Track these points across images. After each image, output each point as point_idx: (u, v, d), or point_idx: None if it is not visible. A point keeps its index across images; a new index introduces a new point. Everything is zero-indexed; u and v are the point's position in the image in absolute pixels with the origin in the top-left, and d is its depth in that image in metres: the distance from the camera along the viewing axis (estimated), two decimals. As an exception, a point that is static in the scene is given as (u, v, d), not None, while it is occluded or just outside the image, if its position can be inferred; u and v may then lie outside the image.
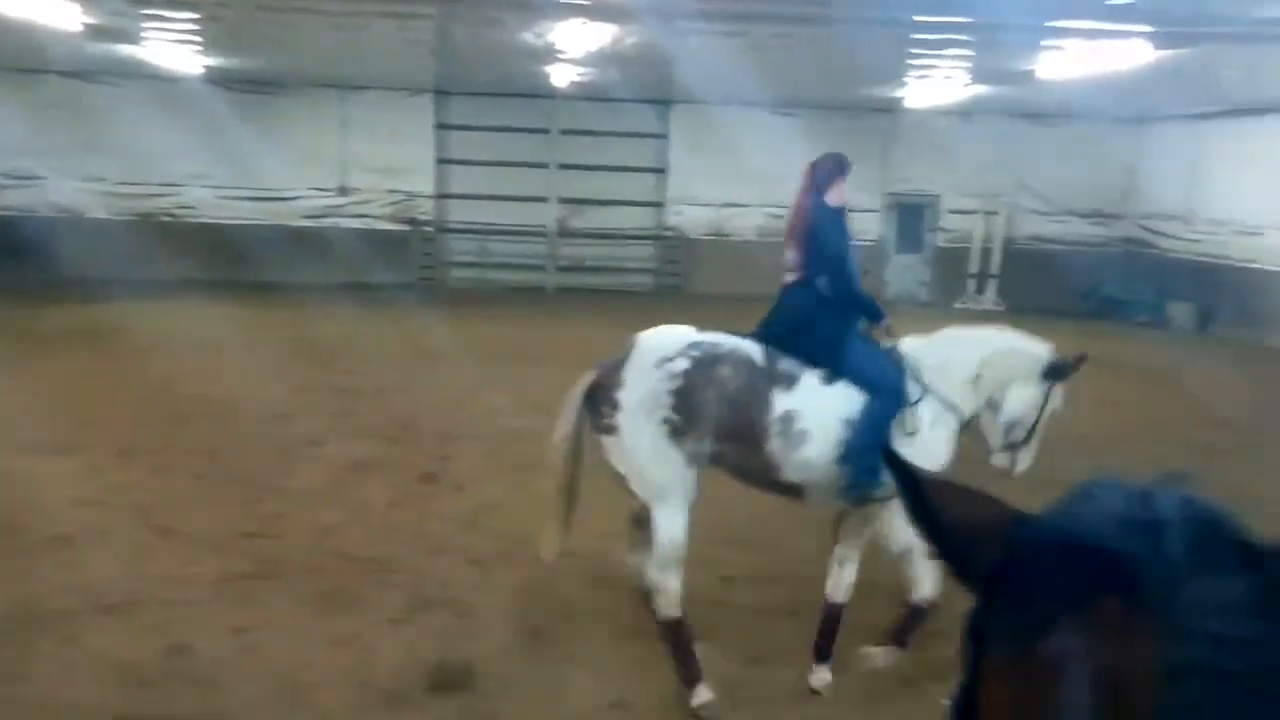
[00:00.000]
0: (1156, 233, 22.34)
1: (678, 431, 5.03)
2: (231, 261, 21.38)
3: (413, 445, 9.97)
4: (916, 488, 0.98)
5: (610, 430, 5.12)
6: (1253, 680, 0.72)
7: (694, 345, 5.17)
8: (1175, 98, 18.10)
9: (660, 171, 23.28)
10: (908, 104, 20.95)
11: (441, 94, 22.46)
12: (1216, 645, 0.73)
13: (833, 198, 5.54)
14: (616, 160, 22.92)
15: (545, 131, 22.73)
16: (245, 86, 21.64)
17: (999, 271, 23.17)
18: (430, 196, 22.91)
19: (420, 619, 6.11)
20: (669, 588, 5.17)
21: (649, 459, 5.05)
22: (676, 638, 5.26)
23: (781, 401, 5.13)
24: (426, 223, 22.96)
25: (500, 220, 22.87)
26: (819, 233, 5.39)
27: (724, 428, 5.07)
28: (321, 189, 22.67)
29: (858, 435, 5.10)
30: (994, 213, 23.23)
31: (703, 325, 5.45)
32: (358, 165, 22.63)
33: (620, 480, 5.19)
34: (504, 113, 22.40)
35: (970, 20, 11.17)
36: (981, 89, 18.14)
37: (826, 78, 18.04)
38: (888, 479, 4.53)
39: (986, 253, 23.31)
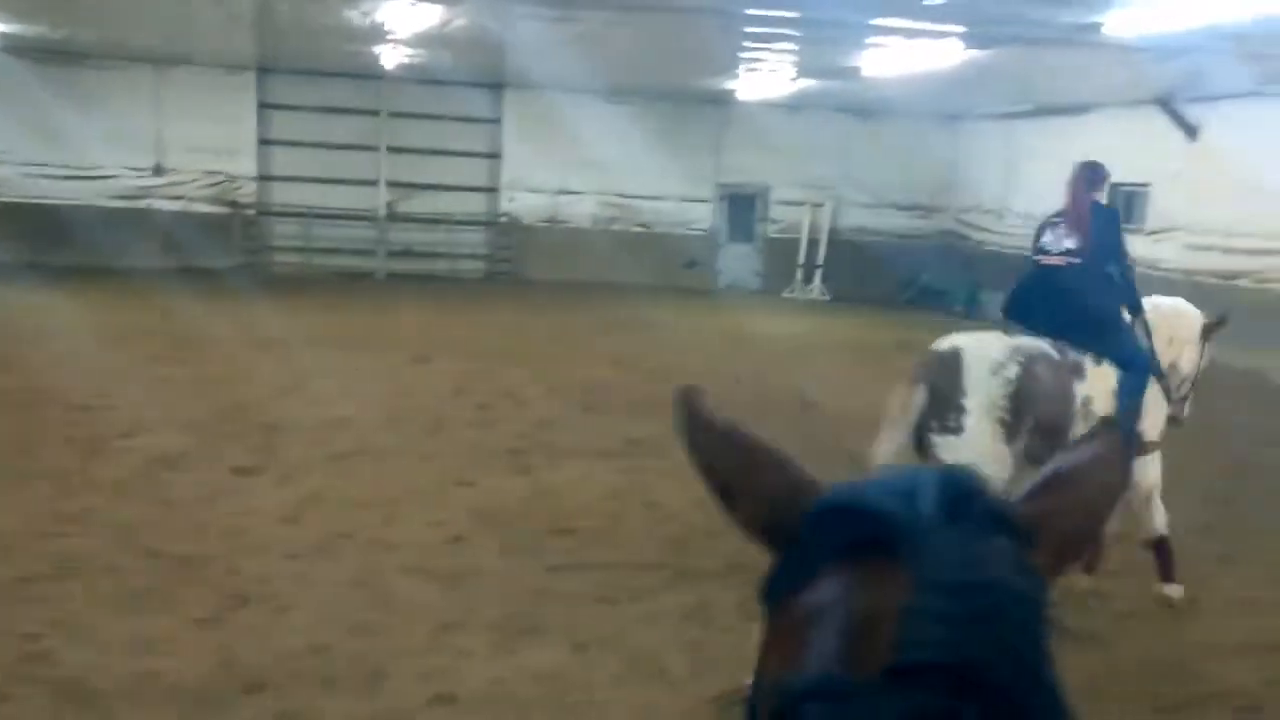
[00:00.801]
0: (972, 225, 23.37)
1: (1010, 430, 5.69)
2: (40, 242, 20.14)
3: (232, 436, 9.57)
4: (700, 444, 1.04)
5: (956, 431, 5.74)
6: (978, 622, 0.82)
7: (1017, 350, 5.82)
8: (990, 97, 18.95)
9: (494, 157, 23.03)
10: (739, 96, 21.31)
11: (265, 72, 21.66)
12: (950, 591, 0.82)
13: (1102, 198, 6.52)
14: (449, 145, 22.56)
15: (374, 113, 22.20)
16: (50, 57, 20.36)
17: (825, 262, 23.84)
18: (253, 178, 22.08)
19: (233, 618, 5.86)
20: None
21: (989, 457, 5.53)
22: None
23: (1080, 389, 5.88)
24: (248, 205, 22.12)
25: (327, 204, 22.22)
26: (1105, 226, 6.22)
27: (1043, 422, 5.70)
28: (136, 168, 21.57)
29: (1122, 406, 5.92)
30: (820, 205, 23.87)
31: (541, 311, 5.41)
32: (175, 144, 21.61)
33: None
34: (331, 93, 21.76)
35: (796, 15, 11.40)
36: (810, 83, 18.59)
37: (660, 67, 18.18)
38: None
39: (814, 243, 23.94)
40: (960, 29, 10.93)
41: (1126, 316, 6.23)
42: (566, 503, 8.27)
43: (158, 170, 21.71)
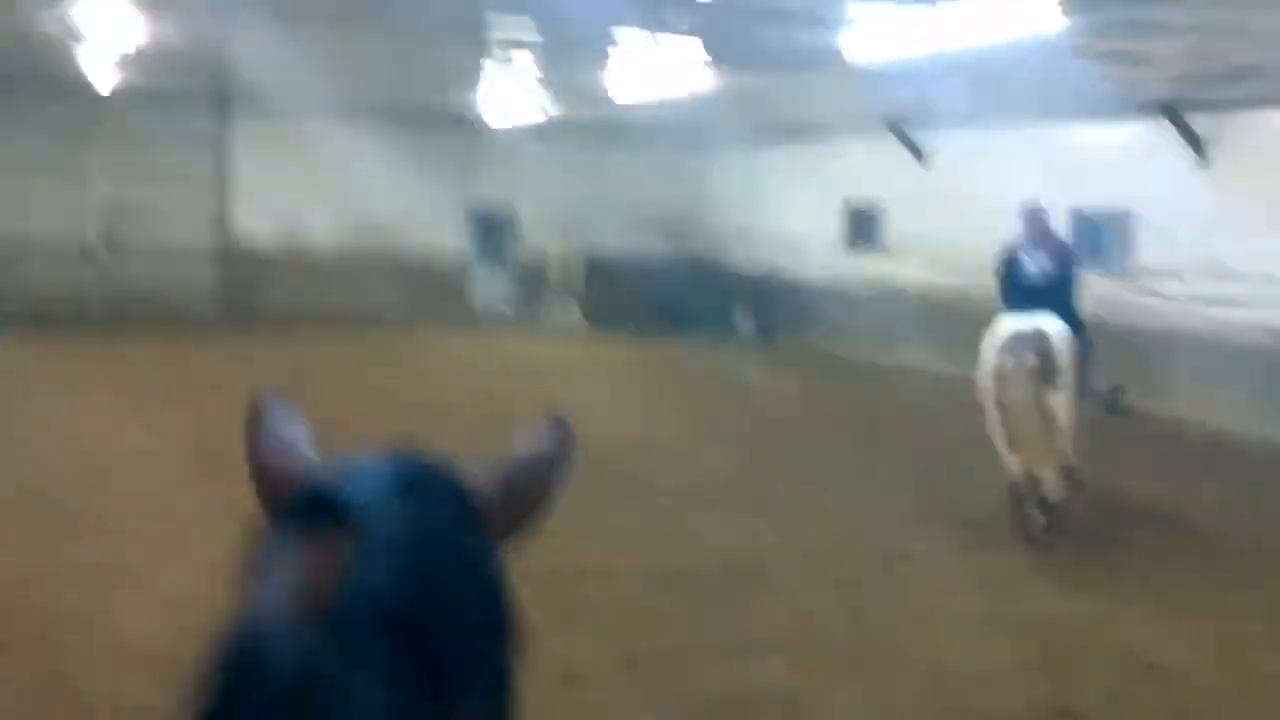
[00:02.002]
0: (721, 249, 23.68)
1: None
2: None
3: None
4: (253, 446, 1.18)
5: (1064, 388, 8.19)
6: (417, 575, 0.97)
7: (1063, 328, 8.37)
8: (735, 123, 19.18)
9: (224, 181, 21.48)
10: (488, 118, 20.73)
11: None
12: (391, 548, 0.97)
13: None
14: (171, 169, 20.83)
15: (82, 134, 20.21)
16: None
17: (579, 287, 23.59)
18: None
19: None
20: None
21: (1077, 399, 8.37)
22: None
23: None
24: (-71, 238, 19.67)
25: (26, 234, 19.94)
26: (1070, 253, 9.48)
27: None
28: None
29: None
30: (571, 229, 23.61)
31: (281, 348, 4.65)
32: None
33: (1049, 418, 8.19)
34: (27, 110, 19.62)
35: (535, 23, 10.96)
36: (558, 107, 18.26)
37: (401, 85, 17.38)
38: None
39: (566, 269, 23.64)
40: (705, 52, 10.79)
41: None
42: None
43: None
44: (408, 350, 17.23)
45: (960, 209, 16.94)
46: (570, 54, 12.39)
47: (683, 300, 23.47)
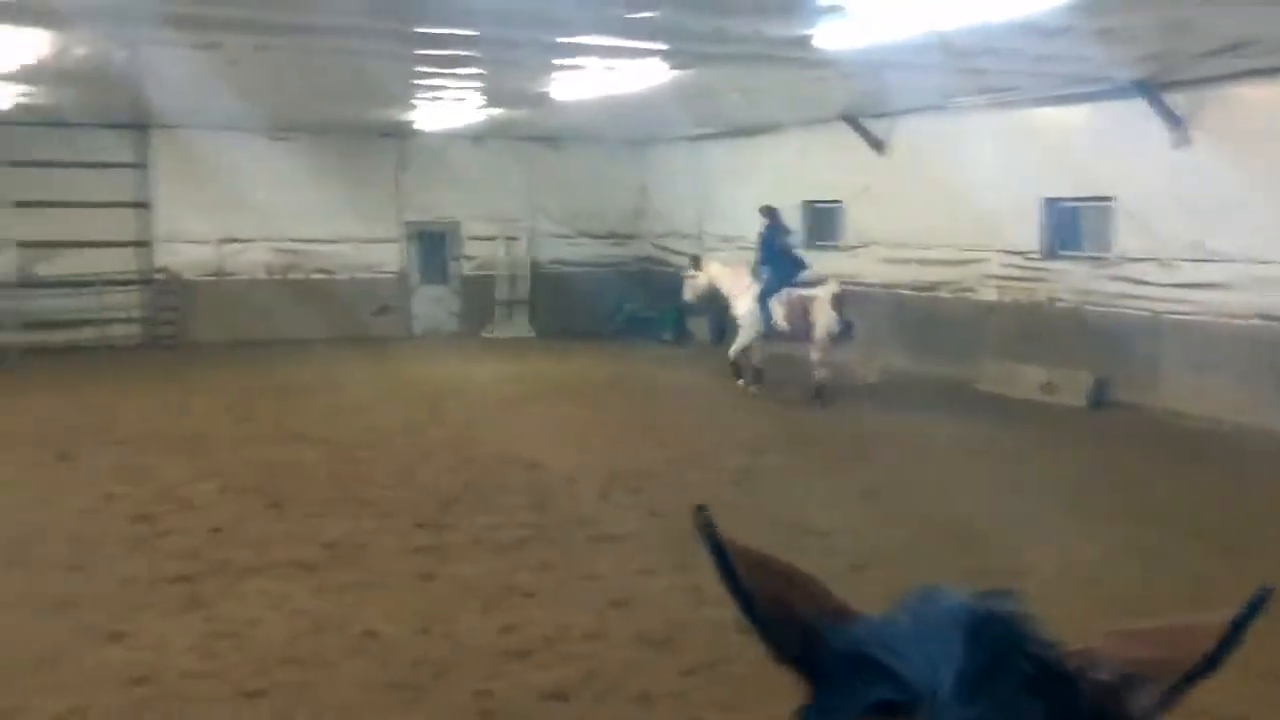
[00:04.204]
0: (670, 251, 22.88)
1: None
2: None
3: None
4: (725, 561, 0.98)
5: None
6: None
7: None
8: (680, 119, 18.40)
9: (143, 206, 20.27)
10: (419, 127, 19.76)
11: None
12: None
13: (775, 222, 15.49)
14: (88, 195, 19.60)
15: (-6, 161, 18.96)
16: None
17: (527, 297, 22.71)
18: None
19: None
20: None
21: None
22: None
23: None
24: None
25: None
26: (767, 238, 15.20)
27: None
28: None
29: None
30: (515, 238, 22.73)
31: (210, 379, 3.74)
32: None
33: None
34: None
35: (476, 34, 10.09)
36: (495, 111, 17.37)
37: (325, 99, 16.37)
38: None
39: (512, 279, 22.76)
40: (662, 46, 9.99)
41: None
42: (254, 648, 6.52)
43: None
44: (344, 377, 16.22)
45: (921, 201, 16.33)
46: (515, 56, 11.52)
47: (635, 306, 22.68)
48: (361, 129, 20.44)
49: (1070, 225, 15.01)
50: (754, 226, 20.70)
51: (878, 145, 17.34)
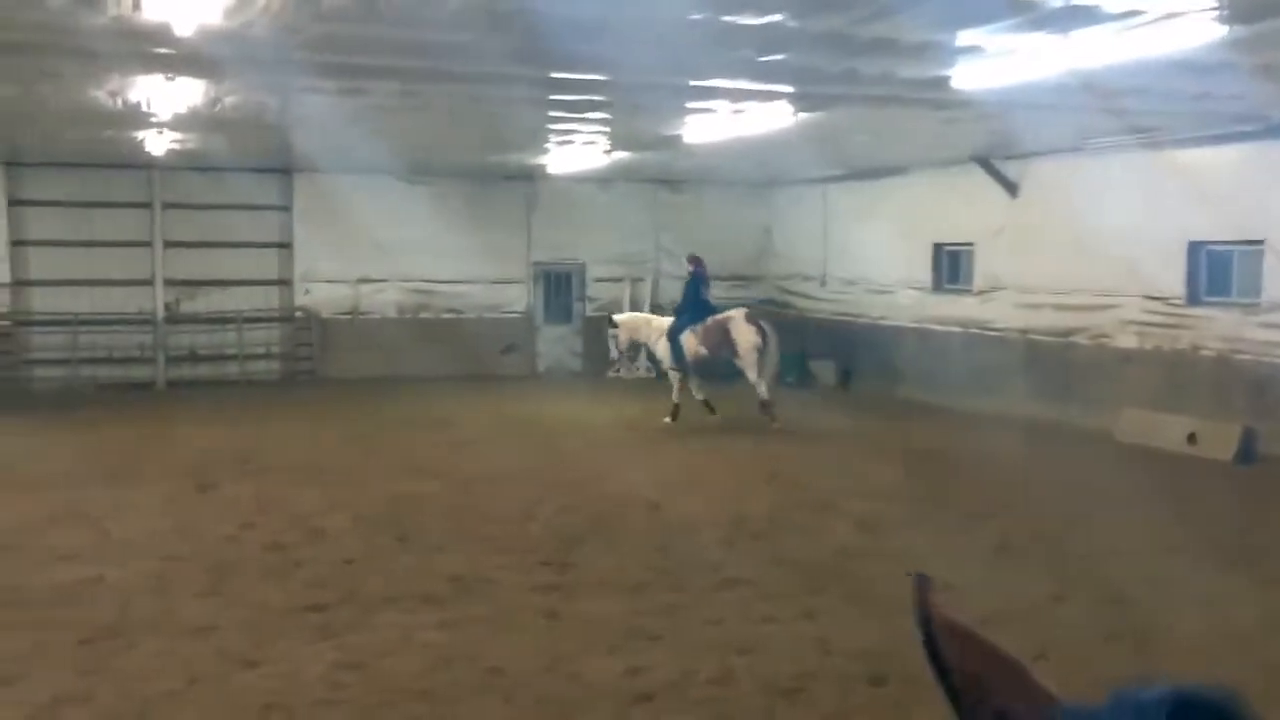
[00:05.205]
0: (794, 293, 22.74)
1: None
2: None
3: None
4: (932, 639, 0.99)
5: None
6: None
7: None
8: (806, 161, 18.34)
9: (285, 246, 21.07)
10: (549, 170, 20.12)
11: (11, 165, 19.20)
12: None
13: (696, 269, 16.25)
14: (233, 236, 20.50)
15: (146, 206, 19.97)
16: None
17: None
18: (4, 285, 19.46)
19: None
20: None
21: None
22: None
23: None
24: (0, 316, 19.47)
25: (96, 308, 19.75)
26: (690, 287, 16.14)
27: None
28: None
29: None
30: (640, 279, 22.87)
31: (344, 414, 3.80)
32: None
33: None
34: (93, 186, 19.50)
35: (614, 80, 10.22)
36: (623, 154, 17.57)
37: (462, 143, 16.83)
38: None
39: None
40: (790, 89, 9.97)
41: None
42: (382, 679, 6.61)
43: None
44: (469, 415, 16.52)
45: (1056, 245, 15.90)
46: (644, 100, 11.64)
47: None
48: (493, 172, 20.90)
49: (1217, 270, 14.39)
50: (888, 267, 20.56)
51: (1011, 187, 16.97)
